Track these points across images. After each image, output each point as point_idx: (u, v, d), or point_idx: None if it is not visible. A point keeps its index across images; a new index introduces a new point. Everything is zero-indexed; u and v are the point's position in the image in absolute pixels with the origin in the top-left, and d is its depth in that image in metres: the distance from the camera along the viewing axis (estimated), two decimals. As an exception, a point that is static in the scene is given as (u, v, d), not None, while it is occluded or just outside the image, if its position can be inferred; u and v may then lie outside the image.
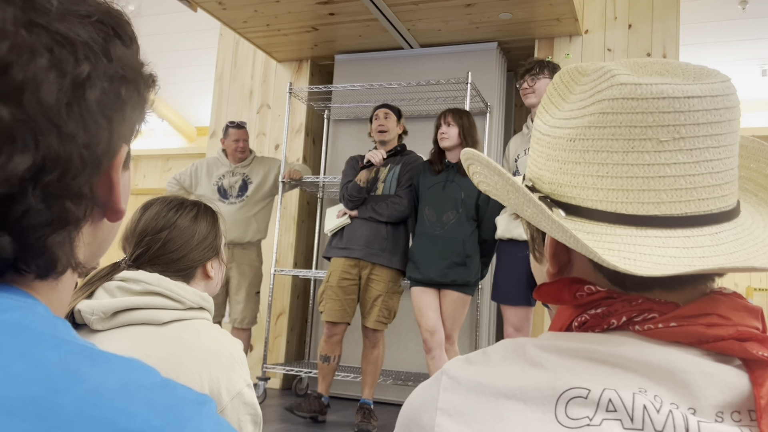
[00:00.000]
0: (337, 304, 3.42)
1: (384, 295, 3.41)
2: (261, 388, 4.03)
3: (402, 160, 3.55)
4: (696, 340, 0.51)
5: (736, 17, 5.08)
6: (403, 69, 4.57)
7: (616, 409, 0.47)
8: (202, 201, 1.33)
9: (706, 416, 0.47)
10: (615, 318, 0.54)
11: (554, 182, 0.59)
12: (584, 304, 0.57)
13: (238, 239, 4.01)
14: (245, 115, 5.05)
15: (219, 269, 1.33)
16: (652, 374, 0.49)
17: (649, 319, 0.53)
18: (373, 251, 3.42)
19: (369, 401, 3.44)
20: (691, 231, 0.53)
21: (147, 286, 1.15)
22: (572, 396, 0.48)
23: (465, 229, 3.22)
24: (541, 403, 0.49)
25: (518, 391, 0.50)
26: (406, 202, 3.45)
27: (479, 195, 3.23)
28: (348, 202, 3.52)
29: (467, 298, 3.26)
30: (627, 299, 0.54)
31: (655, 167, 0.54)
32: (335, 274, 3.46)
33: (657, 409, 0.46)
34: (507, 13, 4.04)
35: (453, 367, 0.54)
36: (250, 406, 1.16)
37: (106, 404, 0.36)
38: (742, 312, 0.53)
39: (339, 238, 3.55)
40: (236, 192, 4.13)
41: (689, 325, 0.51)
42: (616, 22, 4.27)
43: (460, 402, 0.52)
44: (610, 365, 0.50)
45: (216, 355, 1.14)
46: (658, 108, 0.53)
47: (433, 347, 3.18)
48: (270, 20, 4.31)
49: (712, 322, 0.51)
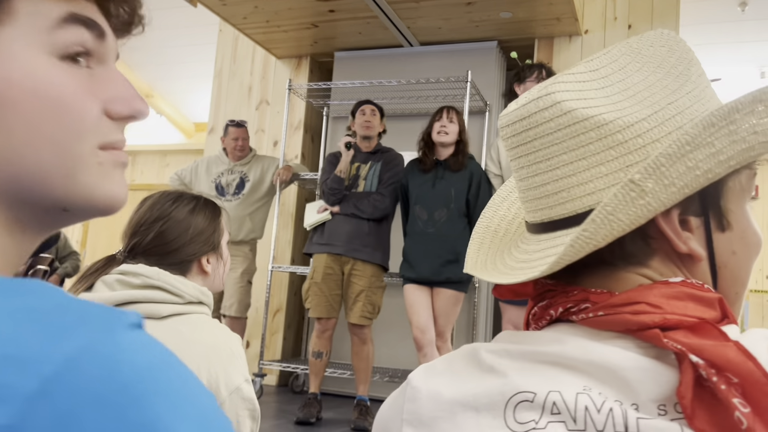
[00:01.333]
0: (322, 300, 3.45)
1: (367, 290, 3.42)
2: (257, 384, 4.03)
3: (382, 157, 3.57)
4: (624, 329, 0.51)
5: (735, 19, 5.09)
6: (403, 67, 4.57)
7: (560, 411, 0.48)
8: (203, 196, 1.33)
9: (647, 411, 0.47)
10: (553, 309, 0.57)
11: None
12: (536, 296, 0.60)
13: (231, 237, 4.00)
14: (244, 112, 5.04)
15: (217, 265, 1.32)
16: (596, 373, 0.50)
17: (583, 309, 0.54)
18: (355, 247, 3.43)
19: (365, 397, 3.45)
20: (540, 236, 0.60)
21: (147, 280, 1.14)
22: (519, 400, 0.50)
23: (457, 225, 3.23)
24: (492, 409, 0.50)
25: (472, 399, 0.52)
26: (389, 200, 3.47)
27: (469, 190, 3.24)
28: (329, 197, 3.52)
29: (460, 295, 3.26)
30: (565, 291, 0.57)
31: (518, 183, 0.63)
32: (319, 270, 3.48)
33: (598, 409, 0.47)
34: (507, 12, 4.03)
35: (416, 377, 0.56)
36: (248, 401, 1.16)
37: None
38: (686, 300, 0.52)
39: (320, 233, 3.56)
40: (233, 190, 4.13)
41: (615, 314, 0.52)
42: (616, 22, 4.27)
43: (423, 413, 0.53)
44: (557, 366, 0.51)
45: (215, 350, 1.13)
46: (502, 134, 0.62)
47: (424, 345, 3.19)
48: (270, 16, 4.30)
49: (639, 310, 0.51)
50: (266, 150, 4.89)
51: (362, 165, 3.56)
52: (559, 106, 0.56)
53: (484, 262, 0.66)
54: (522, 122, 0.59)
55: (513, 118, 0.60)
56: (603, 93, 0.57)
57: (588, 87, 0.57)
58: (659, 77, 0.57)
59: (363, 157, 3.59)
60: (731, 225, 0.57)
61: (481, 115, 4.32)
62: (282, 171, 4.11)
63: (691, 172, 0.50)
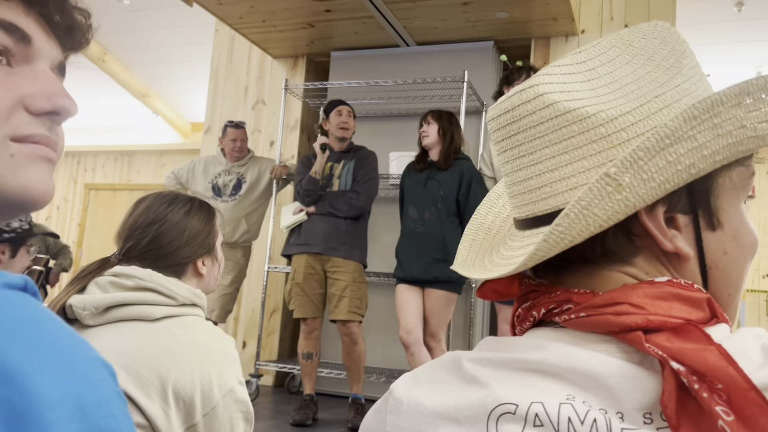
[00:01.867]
0: (305, 300, 3.46)
1: (351, 284, 3.42)
2: (254, 385, 4.02)
3: (355, 155, 3.59)
4: (606, 330, 0.50)
5: (731, 19, 5.10)
6: (400, 67, 4.56)
7: (543, 423, 0.47)
8: (198, 197, 1.32)
9: (633, 420, 0.46)
10: (536, 310, 0.55)
11: None
12: (520, 297, 0.58)
13: (226, 239, 3.99)
14: (240, 111, 5.03)
15: (212, 267, 1.31)
16: (579, 381, 0.48)
17: (566, 311, 0.53)
18: (333, 245, 3.44)
19: (360, 396, 3.46)
20: (520, 232, 0.59)
21: (140, 282, 1.14)
22: (502, 412, 0.48)
23: (445, 225, 3.24)
24: (474, 422, 0.49)
25: (453, 411, 0.50)
26: (363, 198, 3.48)
27: (459, 190, 3.25)
28: (304, 198, 3.52)
29: (452, 296, 3.26)
30: (548, 291, 0.55)
31: (506, 178, 0.61)
32: (299, 271, 3.48)
33: (581, 420, 0.46)
34: (504, 12, 4.03)
35: (398, 387, 0.55)
36: (241, 404, 1.15)
37: None
38: (671, 300, 0.50)
39: (297, 234, 3.57)
40: (229, 191, 4.12)
41: (597, 315, 0.50)
42: (612, 22, 4.27)
43: (405, 425, 0.52)
44: (540, 375, 0.50)
45: (208, 352, 1.13)
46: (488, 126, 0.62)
47: (410, 344, 3.19)
48: (266, 16, 4.30)
49: (621, 311, 0.49)
50: (262, 150, 4.88)
51: (335, 164, 3.58)
52: (541, 98, 0.54)
53: (473, 260, 0.65)
54: (506, 115, 0.57)
55: (498, 111, 0.58)
56: (588, 86, 0.55)
57: (573, 80, 0.55)
58: (648, 70, 0.55)
59: (336, 156, 3.61)
60: (722, 224, 0.54)
61: (477, 115, 4.32)
62: (278, 167, 4.12)
63: (672, 166, 0.48)
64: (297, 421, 3.32)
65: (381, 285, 4.31)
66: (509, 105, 0.57)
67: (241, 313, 4.72)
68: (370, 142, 4.44)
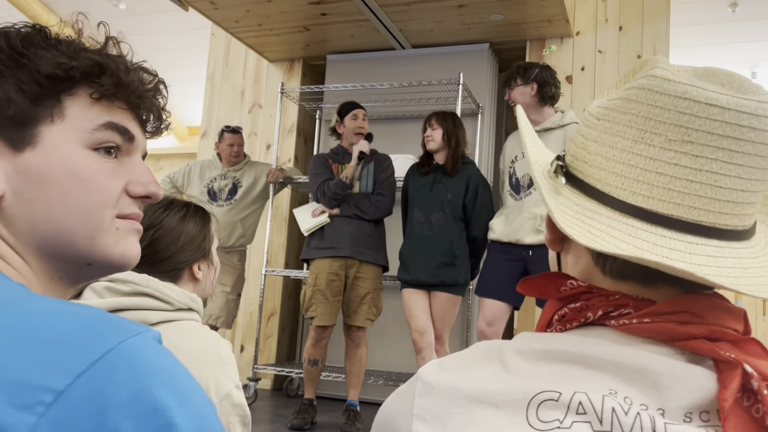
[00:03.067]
0: (327, 308, 3.36)
1: (372, 292, 3.41)
2: (252, 389, 4.02)
3: (373, 158, 3.57)
4: (668, 337, 0.51)
5: (726, 20, 5.11)
6: (395, 69, 4.57)
7: (586, 411, 0.48)
8: (192, 202, 1.33)
9: (674, 417, 0.47)
10: (591, 312, 0.55)
11: (574, 154, 0.61)
12: (565, 297, 0.58)
13: (221, 243, 3.99)
14: (237, 115, 5.04)
15: (208, 272, 1.31)
16: (624, 375, 0.49)
17: (625, 315, 0.54)
18: (360, 249, 3.40)
19: (355, 402, 3.44)
20: (668, 232, 0.53)
21: (135, 287, 1.14)
22: (543, 399, 0.49)
23: (452, 229, 3.24)
24: (513, 406, 0.49)
25: (491, 395, 0.50)
26: (389, 200, 3.47)
27: (466, 194, 3.25)
28: (331, 201, 3.44)
29: (457, 298, 3.26)
30: (605, 294, 0.56)
31: (656, 162, 0.54)
32: (322, 277, 3.37)
33: (625, 412, 0.47)
34: (499, 15, 4.04)
35: (427, 372, 0.55)
36: (238, 408, 1.15)
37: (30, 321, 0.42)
38: (721, 312, 0.52)
39: (319, 238, 3.47)
40: (225, 195, 4.13)
41: (662, 321, 0.51)
42: (607, 23, 4.29)
43: (435, 407, 0.52)
44: (582, 366, 0.51)
45: (204, 356, 1.13)
46: (677, 107, 0.53)
47: (423, 347, 3.19)
48: (262, 20, 4.30)
49: (685, 319, 0.51)
50: (259, 153, 4.89)
51: None
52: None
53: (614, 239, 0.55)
54: (750, 118, 0.52)
55: (736, 106, 0.52)
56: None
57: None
58: None
59: None
60: None
61: (473, 117, 4.33)
62: (274, 171, 4.12)
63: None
64: (295, 425, 3.32)
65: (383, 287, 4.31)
66: (755, 108, 0.52)
67: (239, 316, 4.72)
68: (367, 145, 4.44)
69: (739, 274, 0.52)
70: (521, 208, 3.08)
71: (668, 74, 0.54)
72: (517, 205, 3.12)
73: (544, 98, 3.10)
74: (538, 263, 3.00)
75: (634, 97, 0.56)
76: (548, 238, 0.64)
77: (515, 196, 3.14)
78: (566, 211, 0.56)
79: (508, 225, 3.11)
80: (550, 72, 3.14)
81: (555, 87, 3.13)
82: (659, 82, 0.54)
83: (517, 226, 3.06)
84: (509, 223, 3.11)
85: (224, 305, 3.97)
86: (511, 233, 3.09)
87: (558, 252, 0.65)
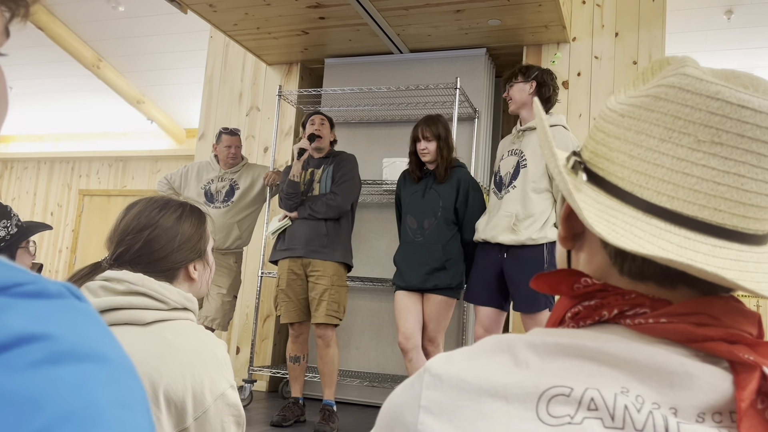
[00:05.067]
0: (291, 305, 3.52)
1: (330, 288, 3.46)
2: (247, 390, 4.03)
3: (334, 160, 3.64)
4: (684, 338, 0.51)
5: (721, 27, 5.14)
6: (393, 74, 4.59)
7: (598, 408, 0.47)
8: (189, 202, 1.33)
9: (687, 417, 0.47)
10: (606, 310, 0.54)
11: (594, 151, 0.59)
12: (579, 295, 0.57)
13: (218, 245, 4.00)
14: (234, 118, 5.05)
15: (203, 271, 1.31)
16: (637, 373, 0.49)
17: (641, 314, 0.53)
18: (313, 248, 3.50)
19: (331, 402, 3.49)
20: (692, 233, 0.52)
21: (131, 286, 1.14)
22: (554, 394, 0.48)
23: (444, 233, 3.25)
24: (524, 400, 0.49)
25: (501, 388, 0.50)
26: (341, 198, 3.52)
27: (457, 198, 3.27)
28: (285, 202, 3.60)
29: (451, 301, 3.28)
30: (620, 293, 0.55)
31: (683, 163, 0.53)
32: (283, 277, 3.56)
33: (638, 409, 0.47)
34: (496, 20, 4.07)
35: (435, 364, 0.54)
36: (233, 407, 1.16)
37: None
38: (737, 315, 0.52)
39: (282, 240, 3.64)
40: (222, 197, 4.13)
41: (679, 322, 0.51)
42: (603, 30, 4.31)
43: (443, 400, 0.51)
44: (596, 362, 0.50)
45: (199, 356, 1.13)
46: (707, 107, 0.52)
47: (408, 350, 3.21)
48: (260, 23, 4.32)
49: (702, 321, 0.51)
50: (256, 156, 4.90)
51: (316, 170, 3.64)
52: None
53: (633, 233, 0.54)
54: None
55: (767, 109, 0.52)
56: None
57: None
58: None
59: (316, 162, 3.67)
60: None
61: (470, 121, 4.35)
62: (271, 173, 4.13)
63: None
64: (275, 421, 3.40)
65: (374, 290, 4.32)
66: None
67: (235, 318, 4.72)
68: (364, 148, 4.46)
69: (761, 279, 0.51)
70: (500, 206, 3.11)
71: (700, 74, 0.54)
72: (498, 203, 3.14)
73: (541, 99, 3.12)
74: (513, 267, 3.02)
75: (662, 95, 0.55)
76: (561, 235, 0.63)
77: (498, 194, 3.16)
78: (589, 209, 0.54)
79: (488, 223, 3.14)
80: (551, 75, 3.17)
81: (553, 90, 3.15)
82: (691, 81, 0.54)
83: (494, 224, 3.09)
84: (489, 221, 3.14)
85: (220, 307, 3.98)
86: (488, 230, 3.11)
87: (569, 249, 0.64)
